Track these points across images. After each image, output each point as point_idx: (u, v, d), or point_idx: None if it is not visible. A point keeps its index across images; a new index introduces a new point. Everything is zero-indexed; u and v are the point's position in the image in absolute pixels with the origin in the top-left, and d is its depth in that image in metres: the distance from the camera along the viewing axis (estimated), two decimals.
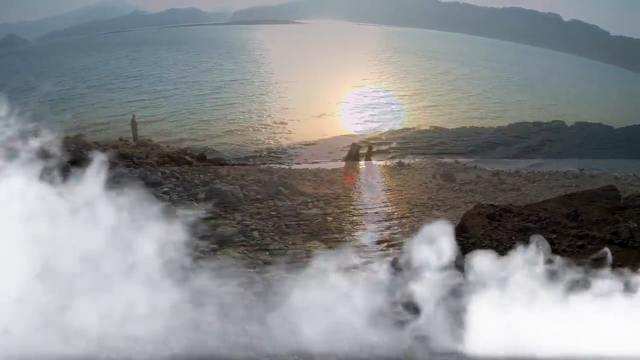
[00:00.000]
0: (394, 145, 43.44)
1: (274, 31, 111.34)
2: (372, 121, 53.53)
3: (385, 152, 40.93)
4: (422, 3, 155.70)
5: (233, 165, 30.10)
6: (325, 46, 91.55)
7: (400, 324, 10.42)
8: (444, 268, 10.73)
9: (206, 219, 18.95)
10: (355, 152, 36.55)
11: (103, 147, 27.84)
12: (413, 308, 10.62)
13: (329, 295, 10.78)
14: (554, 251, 12.24)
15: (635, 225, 15.72)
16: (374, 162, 36.12)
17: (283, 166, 32.26)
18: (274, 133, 45.55)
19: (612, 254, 12.76)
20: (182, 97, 59.48)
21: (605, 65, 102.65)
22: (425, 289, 10.57)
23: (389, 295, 11.11)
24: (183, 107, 53.98)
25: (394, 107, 61.76)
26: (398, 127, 51.32)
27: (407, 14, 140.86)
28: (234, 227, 18.61)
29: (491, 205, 18.24)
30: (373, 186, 28.30)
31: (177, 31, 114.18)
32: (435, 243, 10.92)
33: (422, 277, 10.71)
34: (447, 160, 38.49)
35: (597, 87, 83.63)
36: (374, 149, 38.38)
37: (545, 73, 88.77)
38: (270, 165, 32.77)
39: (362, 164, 35.03)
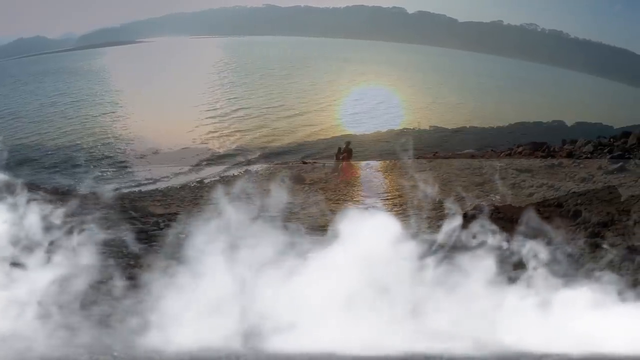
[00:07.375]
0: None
1: (119, 53, 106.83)
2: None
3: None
4: (264, 10, 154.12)
5: (85, 195, 29.71)
6: (171, 65, 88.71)
7: None
8: None
9: None
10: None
11: None
12: None
13: None
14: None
15: (498, 197, 16.07)
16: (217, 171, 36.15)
17: (132, 189, 32.02)
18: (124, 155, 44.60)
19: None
20: (39, 135, 56.10)
21: (454, 52, 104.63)
22: None
23: None
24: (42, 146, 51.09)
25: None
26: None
27: (252, 23, 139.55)
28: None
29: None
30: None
31: (28, 61, 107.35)
32: None
33: None
34: (294, 162, 38.71)
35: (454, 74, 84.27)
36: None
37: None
38: (121, 190, 32.40)
39: (209, 175, 35.08)
